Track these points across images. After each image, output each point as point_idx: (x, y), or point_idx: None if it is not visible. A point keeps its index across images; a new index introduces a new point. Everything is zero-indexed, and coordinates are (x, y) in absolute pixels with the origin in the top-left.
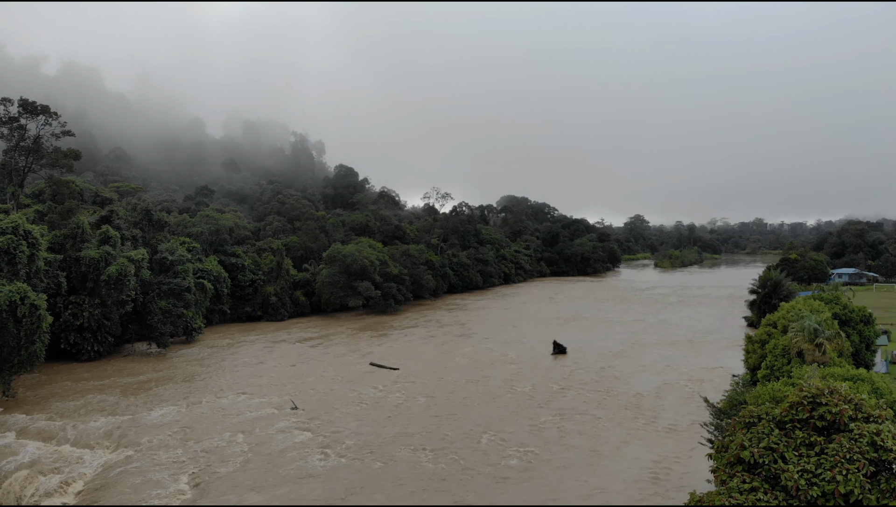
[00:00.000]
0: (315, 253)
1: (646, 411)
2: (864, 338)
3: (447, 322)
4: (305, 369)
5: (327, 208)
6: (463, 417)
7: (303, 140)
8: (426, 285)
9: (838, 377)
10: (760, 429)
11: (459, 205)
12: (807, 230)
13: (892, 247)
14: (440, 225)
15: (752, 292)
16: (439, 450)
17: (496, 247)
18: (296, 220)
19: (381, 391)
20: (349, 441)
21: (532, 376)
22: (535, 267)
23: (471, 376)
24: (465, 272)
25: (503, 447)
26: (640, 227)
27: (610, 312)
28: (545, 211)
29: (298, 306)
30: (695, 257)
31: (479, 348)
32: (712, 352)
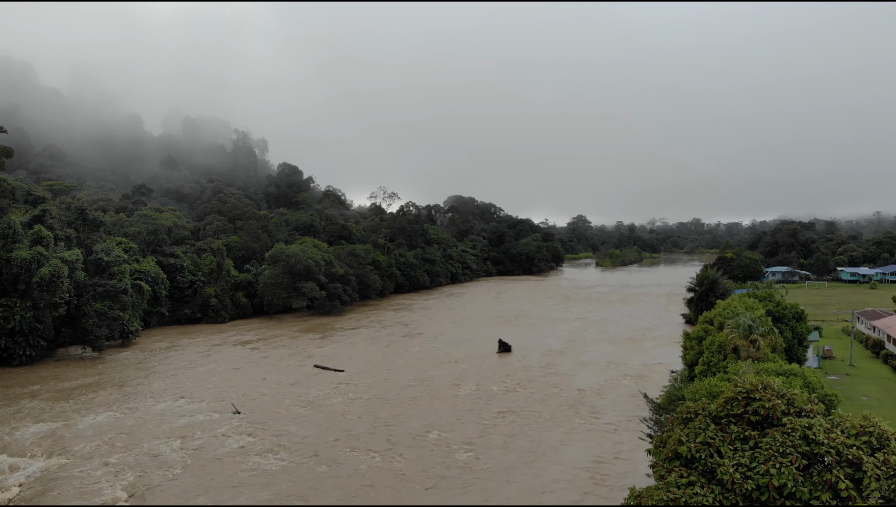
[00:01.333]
0: (257, 253)
1: (588, 408)
2: (796, 334)
3: (393, 322)
4: (247, 372)
5: (270, 208)
6: (408, 417)
7: (245, 138)
8: (373, 286)
9: (772, 373)
10: (697, 424)
11: (407, 205)
12: (742, 230)
13: (824, 246)
14: (387, 225)
15: (689, 291)
16: (385, 451)
17: (443, 247)
18: (237, 219)
19: (325, 394)
20: (293, 445)
21: (477, 375)
22: (482, 266)
23: (417, 376)
24: (412, 272)
25: (449, 446)
26: (582, 227)
27: (553, 310)
28: (491, 211)
29: (240, 307)
30: (635, 256)
31: (425, 348)
32: (651, 349)
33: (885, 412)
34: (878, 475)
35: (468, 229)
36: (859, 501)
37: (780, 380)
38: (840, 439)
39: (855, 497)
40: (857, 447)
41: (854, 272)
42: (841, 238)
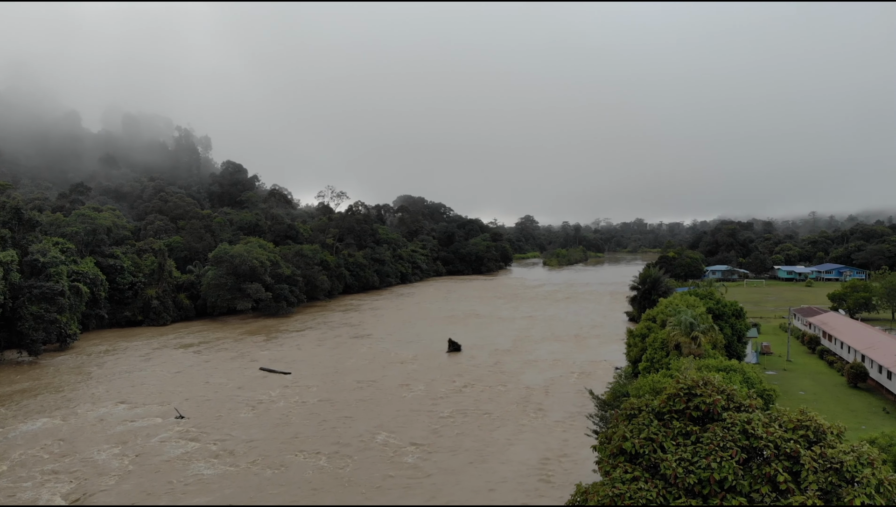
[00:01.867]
0: (200, 254)
1: (536, 406)
2: (735, 331)
3: (342, 323)
4: (190, 376)
5: (214, 207)
6: (357, 419)
7: (187, 135)
8: (320, 286)
9: (713, 368)
10: (641, 420)
11: (355, 204)
12: (684, 230)
13: (762, 245)
14: (335, 224)
15: (633, 289)
16: (333, 454)
17: (393, 247)
18: (179, 219)
19: (271, 397)
20: (239, 449)
21: (427, 374)
22: (432, 266)
23: (365, 377)
24: (361, 272)
25: (397, 448)
26: (530, 227)
27: (502, 309)
28: (441, 211)
29: (182, 309)
30: (580, 256)
31: (374, 349)
32: (597, 346)
33: (822, 406)
34: (815, 468)
35: (418, 229)
36: (797, 493)
37: (720, 376)
38: (778, 433)
39: (793, 490)
40: (794, 440)
41: (791, 271)
42: (778, 238)
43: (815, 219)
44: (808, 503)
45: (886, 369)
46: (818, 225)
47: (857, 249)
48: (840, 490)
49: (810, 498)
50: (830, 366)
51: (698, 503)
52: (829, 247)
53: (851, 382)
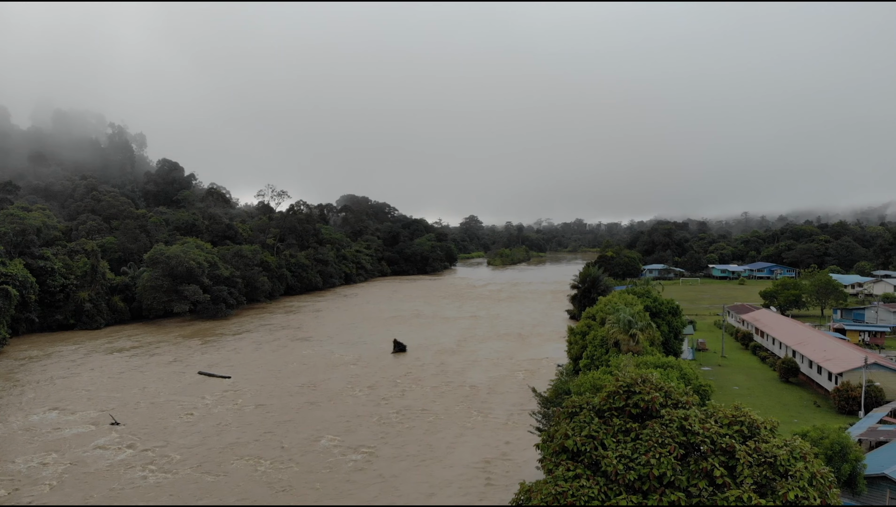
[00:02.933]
0: (135, 255)
1: (480, 405)
2: (672, 328)
3: (284, 326)
4: (125, 381)
5: (149, 206)
6: (301, 422)
7: (121, 132)
8: (261, 288)
9: (651, 365)
10: (582, 418)
11: (297, 203)
12: (622, 230)
13: (696, 245)
14: (276, 224)
15: (573, 288)
16: (276, 459)
17: (337, 247)
18: (113, 219)
19: (211, 402)
20: (177, 456)
21: (372, 376)
22: (377, 267)
23: (309, 380)
24: (303, 273)
25: (342, 450)
26: (474, 227)
27: (447, 309)
28: (386, 211)
29: (117, 312)
30: (523, 255)
31: (316, 351)
32: (539, 344)
33: (755, 400)
34: (749, 463)
35: (362, 229)
36: (733, 487)
37: (658, 372)
38: (714, 428)
39: (730, 484)
40: (730, 435)
41: (724, 269)
42: (712, 237)
43: (748, 219)
44: (743, 497)
45: (816, 364)
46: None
47: (787, 249)
48: (774, 484)
49: (746, 492)
50: (763, 361)
51: (638, 499)
52: (761, 246)
53: (783, 377)
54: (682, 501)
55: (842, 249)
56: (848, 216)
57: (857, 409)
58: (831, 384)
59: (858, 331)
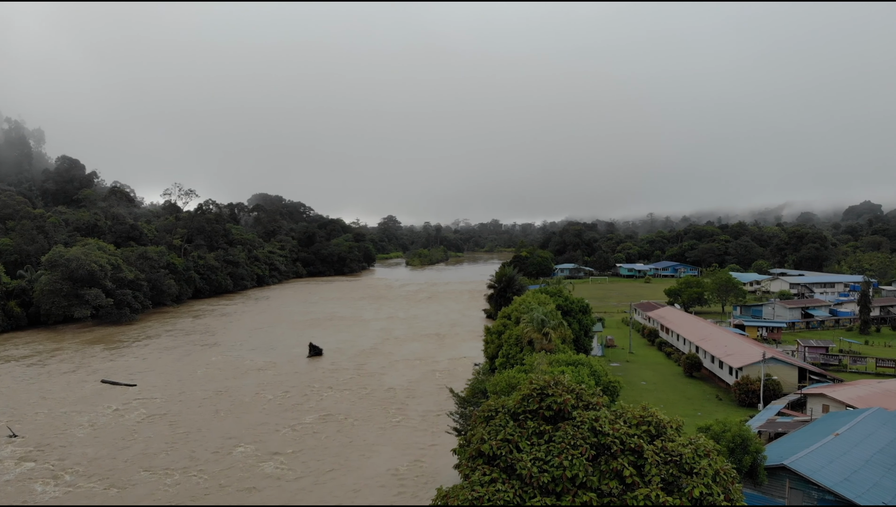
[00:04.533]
0: (33, 257)
1: (398, 407)
2: (583, 326)
3: (192, 330)
4: (23, 390)
5: (48, 206)
6: (211, 431)
7: (18, 127)
8: (168, 291)
9: (563, 363)
10: (498, 422)
11: (206, 203)
12: (535, 230)
13: (605, 245)
14: (184, 224)
15: (490, 287)
16: (185, 469)
17: (248, 248)
18: (8, 219)
19: (116, 411)
20: (81, 469)
21: (286, 381)
22: (291, 268)
23: (220, 386)
24: (212, 275)
25: (256, 458)
26: (393, 227)
27: (365, 310)
28: (301, 210)
29: (13, 318)
30: (441, 256)
31: (227, 356)
32: (457, 344)
33: (661, 395)
34: (657, 461)
35: (276, 229)
36: (642, 486)
37: (569, 370)
38: (623, 429)
39: (638, 483)
40: (638, 435)
41: (631, 268)
42: (619, 238)
43: (653, 220)
44: (651, 496)
45: (718, 359)
46: (655, 225)
47: (690, 248)
48: (680, 481)
49: (654, 490)
50: (668, 357)
51: (552, 501)
52: (666, 246)
53: (687, 371)
54: (594, 501)
55: (741, 249)
56: (747, 217)
57: (756, 402)
58: (732, 378)
59: (757, 327)
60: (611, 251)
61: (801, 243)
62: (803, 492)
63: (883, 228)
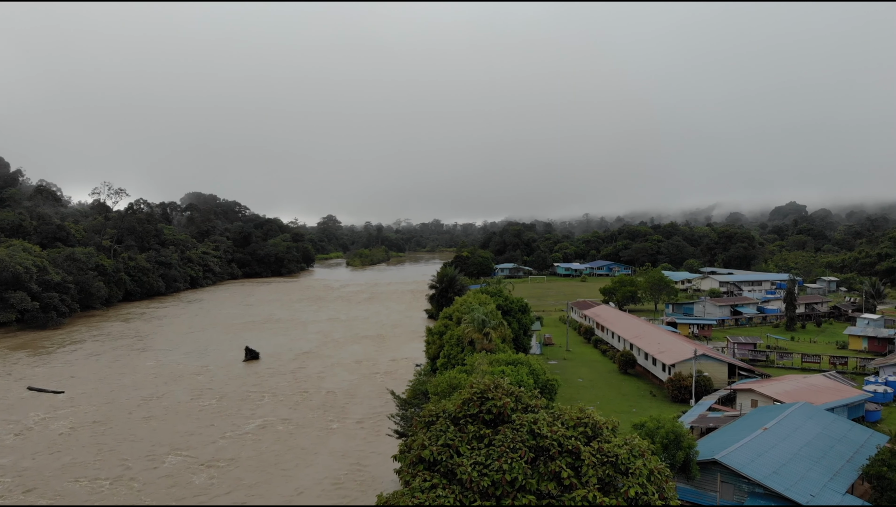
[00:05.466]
0: None
1: (338, 410)
2: (522, 325)
3: (123, 334)
4: None
5: None
6: (143, 439)
7: None
8: (96, 294)
9: (502, 362)
10: (439, 427)
11: (137, 202)
12: (476, 230)
13: (543, 245)
14: (113, 225)
15: (431, 288)
16: (117, 478)
17: (181, 248)
18: None
19: (43, 419)
20: (6, 479)
21: (222, 386)
22: (226, 269)
23: (151, 392)
24: (144, 277)
25: (190, 467)
26: (332, 227)
27: (304, 312)
28: (236, 210)
29: None
30: (383, 256)
31: (160, 361)
32: (398, 345)
33: (597, 392)
34: (594, 463)
35: (210, 229)
36: (580, 487)
37: (509, 369)
38: (561, 431)
39: (576, 484)
40: (575, 437)
41: (568, 267)
42: (557, 238)
43: (589, 220)
44: (589, 497)
45: (651, 356)
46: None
47: (624, 247)
48: (616, 481)
49: (591, 491)
50: (604, 354)
51: (492, 505)
52: (601, 245)
53: (622, 368)
54: (533, 503)
55: (673, 248)
56: (678, 217)
57: (688, 397)
58: (665, 375)
59: (688, 324)
60: (549, 251)
61: (730, 243)
62: (734, 485)
63: (807, 228)
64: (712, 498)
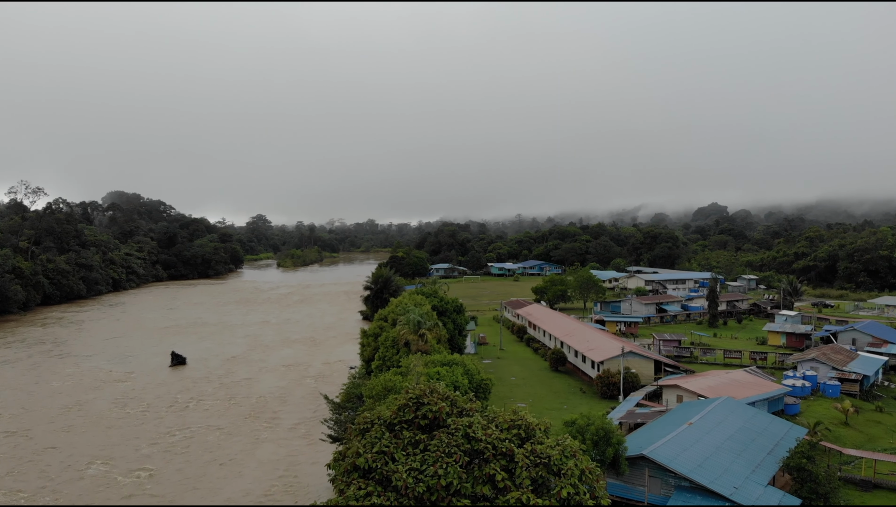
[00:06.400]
0: None
1: (270, 416)
2: (457, 325)
3: (41, 340)
4: None
5: None
6: (64, 449)
7: None
8: (13, 298)
9: (438, 363)
10: (374, 434)
11: (56, 201)
12: (411, 230)
13: (477, 245)
14: (31, 225)
15: (366, 289)
16: (37, 490)
17: (103, 250)
18: None
19: None
20: None
21: (147, 393)
22: (151, 271)
23: (73, 400)
24: (64, 280)
25: (115, 476)
26: (262, 227)
27: (233, 315)
28: (161, 209)
29: None
30: (315, 256)
31: (82, 367)
32: (332, 347)
33: (529, 390)
34: (527, 464)
35: (134, 230)
36: (514, 489)
37: (445, 370)
38: (495, 434)
39: (510, 487)
40: (509, 439)
41: (501, 267)
42: (490, 238)
43: (521, 220)
44: (522, 499)
45: (581, 353)
46: (523, 226)
47: (554, 247)
48: (549, 482)
49: (524, 493)
50: (536, 352)
51: None
52: (533, 245)
53: (553, 366)
54: None
55: (601, 248)
56: (606, 218)
57: (617, 394)
58: (594, 372)
59: (616, 322)
60: (483, 251)
61: (655, 243)
62: (661, 479)
63: (729, 228)
64: (641, 493)
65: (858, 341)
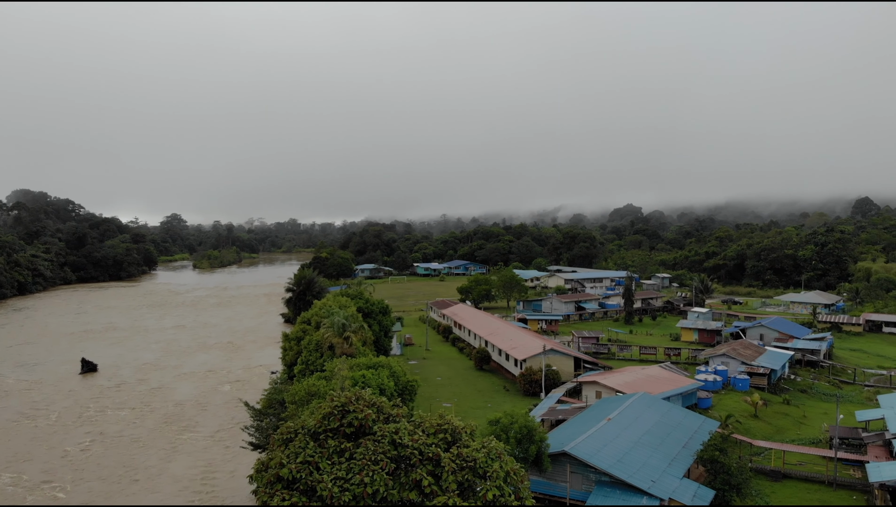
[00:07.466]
0: None
1: (188, 423)
2: (383, 327)
3: None
4: None
5: None
6: None
7: None
8: None
9: (363, 366)
10: (298, 443)
11: None
12: (335, 230)
13: (403, 245)
14: None
15: (288, 291)
16: None
17: (7, 251)
18: None
19: None
20: None
21: (56, 401)
22: (59, 273)
23: None
24: None
25: (21, 490)
26: (177, 226)
27: (146, 319)
28: (69, 208)
29: None
30: (234, 257)
31: None
32: (252, 352)
33: (454, 389)
34: (454, 468)
35: (40, 230)
36: (440, 494)
37: (370, 373)
38: (422, 439)
39: (436, 492)
40: (435, 444)
41: (427, 267)
42: (416, 238)
43: (446, 221)
44: (448, 503)
45: (504, 352)
46: (449, 226)
47: (479, 248)
48: (475, 485)
49: (451, 497)
50: (461, 352)
51: None
52: (458, 245)
53: (478, 365)
54: None
55: (523, 248)
56: (528, 218)
57: (539, 391)
58: (517, 370)
59: (538, 320)
60: (408, 251)
61: (574, 243)
62: (582, 475)
63: (643, 228)
64: (563, 489)
65: (766, 337)
